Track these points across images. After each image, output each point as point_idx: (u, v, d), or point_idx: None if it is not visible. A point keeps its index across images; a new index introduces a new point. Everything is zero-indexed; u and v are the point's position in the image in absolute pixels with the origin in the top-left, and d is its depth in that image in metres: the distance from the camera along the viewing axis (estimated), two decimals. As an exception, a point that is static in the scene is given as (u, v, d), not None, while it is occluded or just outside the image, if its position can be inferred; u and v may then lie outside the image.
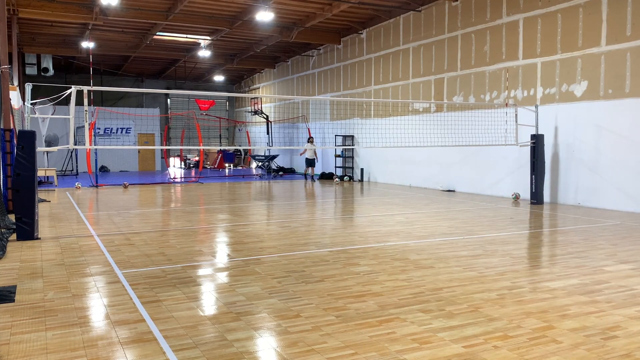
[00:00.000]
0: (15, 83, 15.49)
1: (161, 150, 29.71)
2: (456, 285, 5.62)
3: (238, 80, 36.02)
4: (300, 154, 23.65)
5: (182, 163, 31.57)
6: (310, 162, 21.48)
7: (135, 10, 18.21)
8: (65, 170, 25.50)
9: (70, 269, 6.39)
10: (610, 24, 11.98)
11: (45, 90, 21.71)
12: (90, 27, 20.64)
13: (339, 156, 22.84)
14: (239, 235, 8.86)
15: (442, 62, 17.06)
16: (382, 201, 14.04)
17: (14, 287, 5.54)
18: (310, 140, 21.88)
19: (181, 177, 23.85)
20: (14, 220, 8.50)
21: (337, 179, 21.54)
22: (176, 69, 30.60)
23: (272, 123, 28.32)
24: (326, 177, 23.12)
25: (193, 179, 22.75)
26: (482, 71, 15.49)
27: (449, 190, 16.75)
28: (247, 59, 28.12)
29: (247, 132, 31.45)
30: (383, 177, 20.44)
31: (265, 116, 28.17)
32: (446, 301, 5.04)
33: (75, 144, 9.38)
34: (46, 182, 19.47)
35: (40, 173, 17.97)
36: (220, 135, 35.71)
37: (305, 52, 25.55)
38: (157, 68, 31.50)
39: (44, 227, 9.59)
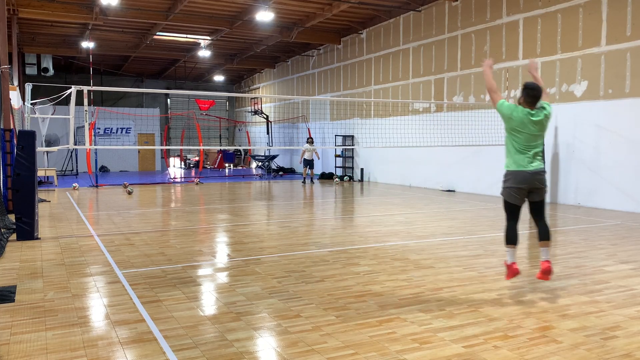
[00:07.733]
0: (15, 83, 15.48)
1: (161, 150, 29.71)
2: (456, 285, 5.62)
3: (238, 80, 36.01)
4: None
5: (182, 163, 31.57)
6: (309, 163, 20.48)
7: (135, 10, 18.21)
8: (65, 170, 25.49)
9: (70, 269, 6.38)
10: (610, 24, 11.98)
11: (45, 90, 21.75)
12: (90, 27, 20.63)
13: (339, 156, 22.83)
14: (239, 235, 8.86)
15: (442, 62, 17.05)
16: (382, 201, 14.04)
17: (14, 287, 5.54)
18: (309, 140, 21.56)
19: (181, 177, 23.85)
20: (14, 220, 8.49)
21: (337, 179, 21.52)
22: (176, 69, 30.59)
23: (272, 123, 28.32)
24: (326, 177, 23.12)
25: (193, 179, 22.74)
26: (483, 71, 15.47)
27: (449, 190, 16.74)
28: (247, 59, 28.11)
29: (247, 132, 31.45)
30: (383, 177, 20.44)
31: (265, 116, 28.17)
32: (446, 301, 5.03)
33: (75, 144, 9.38)
34: (46, 182, 19.46)
35: (40, 173, 17.96)
36: (220, 135, 35.71)
37: (305, 52, 25.54)
38: (157, 68, 31.50)
39: (44, 227, 9.59)
